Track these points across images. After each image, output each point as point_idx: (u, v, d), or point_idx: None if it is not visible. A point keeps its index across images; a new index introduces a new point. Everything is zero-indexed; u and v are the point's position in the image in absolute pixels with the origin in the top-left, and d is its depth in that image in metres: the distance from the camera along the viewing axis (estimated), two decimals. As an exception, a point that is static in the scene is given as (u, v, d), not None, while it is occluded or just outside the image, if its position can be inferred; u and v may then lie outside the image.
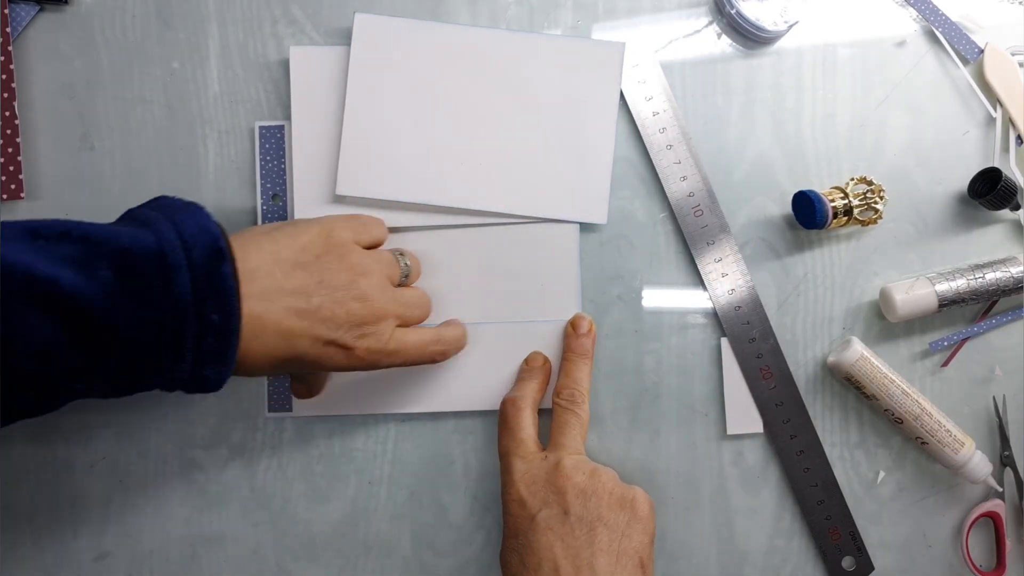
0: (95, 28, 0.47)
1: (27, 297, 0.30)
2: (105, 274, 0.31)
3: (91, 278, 0.31)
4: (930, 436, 0.47)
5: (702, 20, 0.49)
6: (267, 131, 0.47)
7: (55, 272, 0.30)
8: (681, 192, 0.48)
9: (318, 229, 0.39)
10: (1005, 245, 0.50)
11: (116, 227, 0.33)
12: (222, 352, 0.34)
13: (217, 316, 0.33)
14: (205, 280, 0.33)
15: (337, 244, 0.39)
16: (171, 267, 0.32)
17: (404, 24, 0.46)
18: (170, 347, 0.33)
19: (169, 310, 0.32)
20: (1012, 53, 0.49)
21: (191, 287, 0.32)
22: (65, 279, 0.30)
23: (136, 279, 0.32)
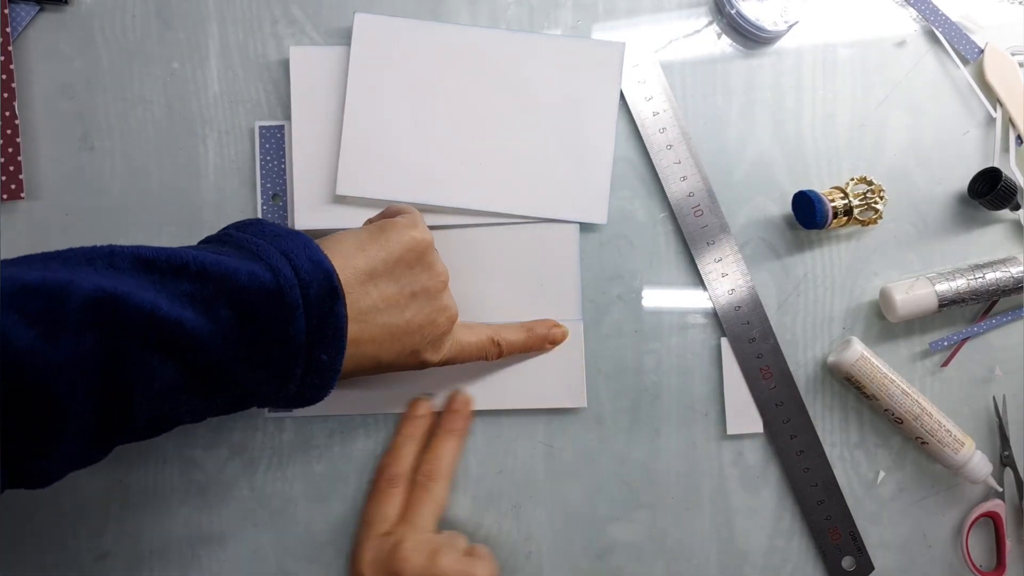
0: (95, 28, 0.47)
1: (150, 339, 0.29)
2: (226, 314, 0.31)
3: (212, 320, 0.30)
4: (930, 436, 0.47)
5: (702, 20, 0.49)
6: (267, 131, 0.47)
7: (177, 313, 0.29)
8: (681, 192, 0.48)
9: (409, 238, 0.38)
10: (1005, 245, 0.50)
11: (230, 260, 0.32)
12: (324, 386, 0.35)
13: (326, 356, 0.34)
14: (319, 322, 0.33)
15: (425, 251, 0.38)
16: (289, 308, 0.32)
17: (404, 24, 0.46)
18: (276, 381, 0.33)
19: (285, 352, 0.32)
20: (1012, 53, 0.49)
21: (306, 329, 0.32)
22: (188, 321, 0.29)
23: (255, 321, 0.31)
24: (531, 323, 0.46)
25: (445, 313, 0.39)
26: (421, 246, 0.38)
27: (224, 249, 0.34)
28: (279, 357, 0.32)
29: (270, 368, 0.32)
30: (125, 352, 0.28)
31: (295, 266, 0.33)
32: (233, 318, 0.31)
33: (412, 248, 0.38)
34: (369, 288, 0.36)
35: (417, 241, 0.38)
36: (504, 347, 0.44)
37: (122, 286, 0.29)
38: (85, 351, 0.27)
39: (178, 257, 0.31)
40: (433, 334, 0.39)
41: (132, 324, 0.28)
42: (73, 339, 0.27)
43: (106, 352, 0.28)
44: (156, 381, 0.29)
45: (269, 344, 0.32)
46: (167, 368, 0.30)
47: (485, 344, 0.43)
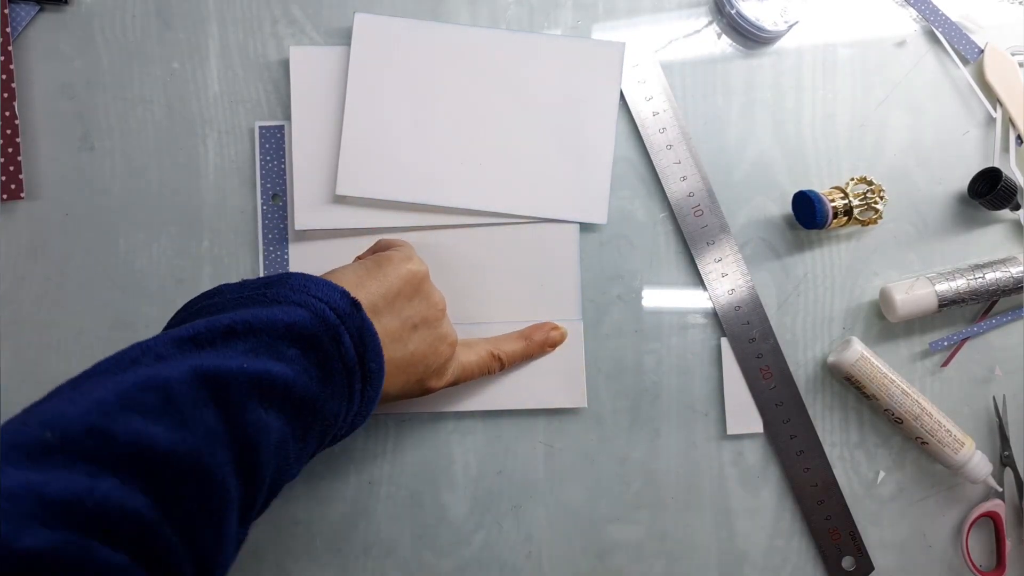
0: (95, 28, 0.47)
1: (253, 396, 0.29)
2: (292, 352, 0.31)
3: (286, 361, 0.31)
4: (930, 436, 0.47)
5: (702, 20, 0.49)
6: (267, 131, 0.47)
7: (262, 365, 0.30)
8: (681, 192, 0.48)
9: (405, 271, 0.38)
10: (1005, 245, 0.50)
11: (262, 310, 0.32)
12: (374, 397, 0.36)
13: (374, 364, 0.34)
14: (359, 334, 0.34)
15: (422, 282, 0.39)
16: (333, 327, 0.33)
17: (404, 24, 0.46)
18: (345, 401, 0.34)
19: (344, 371, 0.33)
20: (1012, 53, 0.49)
21: (352, 343, 0.33)
22: (272, 367, 0.30)
23: (315, 349, 0.32)
24: (529, 330, 0.46)
25: (446, 341, 0.40)
26: (417, 278, 0.39)
27: (253, 307, 0.33)
28: (342, 375, 0.33)
29: (339, 388, 0.33)
30: (241, 415, 0.28)
31: (312, 295, 0.33)
32: (298, 353, 0.31)
33: (409, 281, 0.38)
34: (373, 324, 0.36)
35: (413, 273, 0.38)
36: (505, 360, 0.45)
37: (207, 358, 0.29)
38: (211, 426, 0.28)
39: (218, 324, 0.31)
40: (436, 363, 0.40)
41: (234, 386, 0.28)
42: (198, 419, 0.27)
43: (227, 421, 0.28)
44: (271, 434, 0.30)
45: (332, 365, 0.33)
46: (273, 418, 0.30)
47: (486, 360, 0.44)
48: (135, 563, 0.24)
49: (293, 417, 0.31)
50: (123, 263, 0.47)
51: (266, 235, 0.47)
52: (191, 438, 0.26)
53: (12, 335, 0.46)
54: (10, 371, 0.46)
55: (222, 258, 0.47)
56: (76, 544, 0.22)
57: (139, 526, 0.24)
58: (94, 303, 0.46)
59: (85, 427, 0.25)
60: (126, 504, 0.24)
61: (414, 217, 0.46)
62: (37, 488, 0.23)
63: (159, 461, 0.26)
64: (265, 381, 0.29)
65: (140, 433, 0.25)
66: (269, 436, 0.29)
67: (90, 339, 0.46)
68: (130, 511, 0.24)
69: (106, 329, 0.46)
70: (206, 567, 0.27)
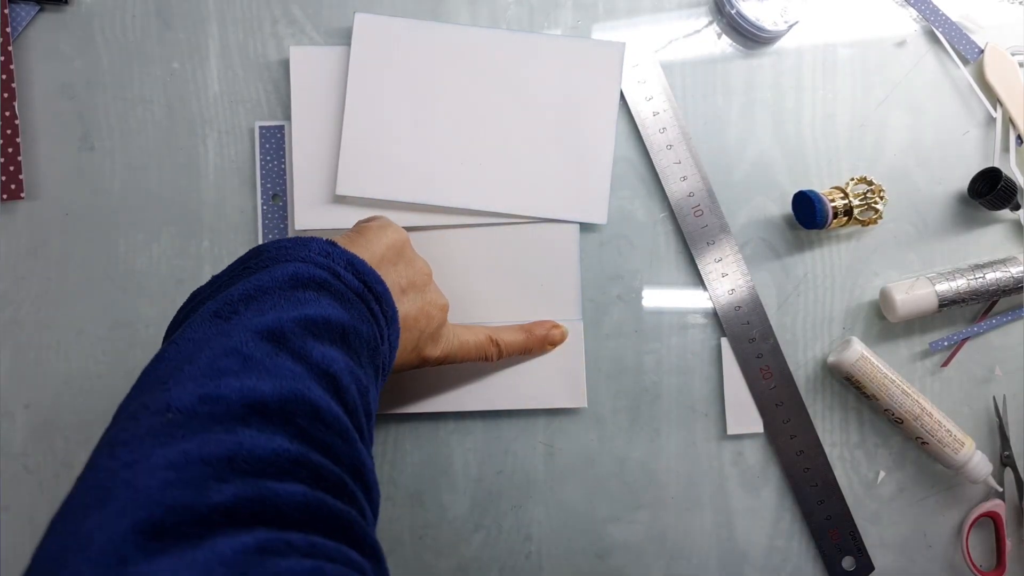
0: (95, 28, 0.47)
1: (306, 337, 0.30)
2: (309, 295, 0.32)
3: (310, 303, 0.31)
4: (930, 436, 0.47)
5: (702, 20, 0.49)
6: (267, 131, 0.47)
7: (298, 310, 0.31)
8: (681, 192, 0.48)
9: (386, 237, 0.38)
10: (1005, 245, 0.50)
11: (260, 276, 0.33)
12: (392, 315, 0.36)
13: (378, 286, 0.35)
14: (348, 264, 0.35)
15: (403, 247, 0.39)
16: (326, 265, 0.34)
17: (404, 24, 0.46)
18: (372, 323, 0.34)
19: (355, 295, 0.34)
20: (1012, 53, 0.49)
21: (348, 272, 0.34)
22: (307, 309, 0.31)
23: (324, 287, 0.33)
24: (530, 324, 0.46)
25: (436, 304, 0.40)
26: (398, 244, 0.39)
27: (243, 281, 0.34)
28: (357, 300, 0.34)
29: (361, 312, 0.34)
30: (308, 353, 0.29)
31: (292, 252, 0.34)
32: (314, 294, 0.32)
33: (391, 246, 0.38)
34: None
35: (394, 240, 0.39)
36: (503, 347, 0.44)
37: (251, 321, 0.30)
38: (292, 368, 0.29)
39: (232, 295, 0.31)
40: (429, 327, 0.39)
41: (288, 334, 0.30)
42: (280, 366, 0.28)
43: (302, 360, 0.29)
44: (339, 362, 0.31)
45: (345, 295, 0.33)
46: (332, 349, 0.31)
47: (484, 343, 0.44)
48: (310, 488, 0.25)
49: (345, 346, 0.32)
50: (123, 263, 0.47)
51: (266, 235, 0.47)
52: (285, 383, 0.28)
53: (12, 335, 0.46)
54: (10, 371, 0.46)
55: (222, 258, 0.47)
56: (253, 487, 0.24)
57: (291, 459, 0.26)
58: (94, 303, 0.46)
59: (196, 397, 0.26)
60: (272, 445, 0.25)
61: (414, 217, 0.46)
62: (193, 453, 0.24)
63: (273, 408, 0.27)
64: (308, 320, 0.30)
65: (243, 388, 0.27)
66: (338, 363, 0.30)
67: (90, 339, 0.46)
68: (280, 449, 0.26)
69: (106, 329, 0.46)
70: (364, 481, 0.29)
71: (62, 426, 0.46)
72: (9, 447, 0.46)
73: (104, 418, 0.48)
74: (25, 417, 0.46)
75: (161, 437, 0.25)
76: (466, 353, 0.43)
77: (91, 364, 0.46)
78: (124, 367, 0.46)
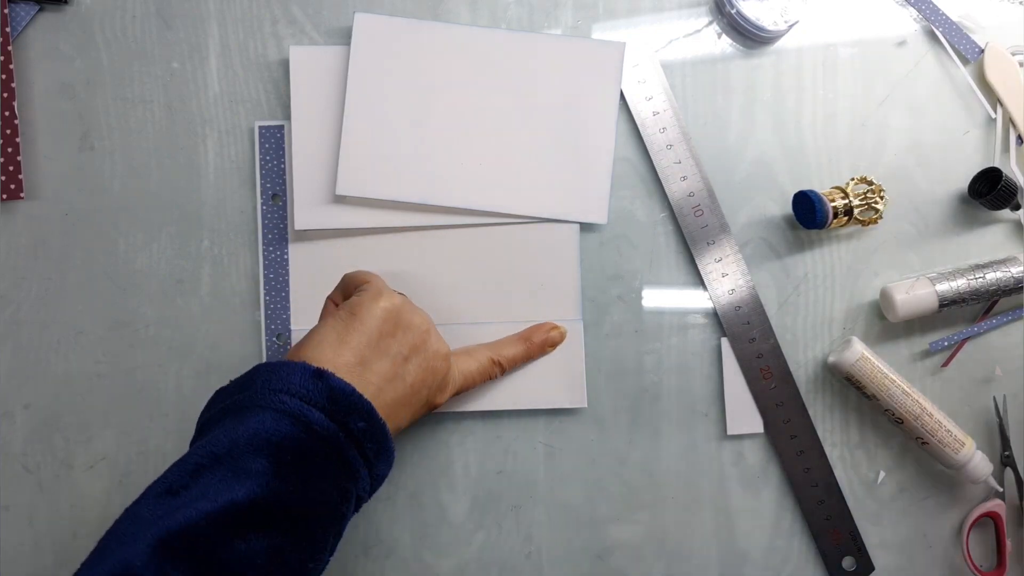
0: (95, 28, 0.47)
1: (223, 536, 0.30)
2: (259, 465, 0.31)
3: (252, 476, 0.31)
4: (930, 436, 0.47)
5: (702, 20, 0.49)
6: (267, 131, 0.47)
7: (223, 497, 0.30)
8: (681, 192, 0.48)
9: (380, 311, 0.38)
10: (1005, 245, 0.50)
11: (227, 430, 0.33)
12: (381, 448, 0.36)
13: (363, 423, 0.34)
14: (330, 403, 0.34)
15: (399, 314, 0.39)
16: (298, 415, 0.33)
17: (404, 24, 0.46)
18: (346, 475, 0.34)
19: (325, 448, 0.33)
20: (1012, 53, 0.49)
21: (327, 416, 0.33)
22: (235, 495, 0.30)
23: (284, 449, 0.32)
24: (528, 331, 0.46)
25: (439, 356, 0.40)
26: (394, 313, 0.39)
27: (221, 424, 0.34)
28: (333, 453, 0.34)
29: (334, 468, 0.34)
30: (213, 559, 0.29)
31: (279, 388, 0.34)
32: (266, 464, 0.32)
33: (387, 319, 0.38)
34: (367, 375, 0.37)
35: (388, 311, 0.38)
36: (506, 364, 0.45)
37: (165, 520, 0.30)
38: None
39: (186, 464, 0.32)
40: (435, 381, 0.40)
41: (200, 539, 0.29)
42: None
43: (202, 572, 0.29)
44: (257, 558, 0.30)
45: (316, 450, 0.33)
46: (255, 541, 0.30)
47: (487, 367, 0.44)
48: None
49: (282, 527, 0.31)
50: (123, 263, 0.47)
51: (266, 235, 0.47)
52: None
53: (12, 335, 0.46)
54: (10, 371, 0.46)
55: (222, 258, 0.47)
56: None
57: None
58: (94, 303, 0.46)
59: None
60: None
61: (414, 217, 0.46)
62: None
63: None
64: (232, 512, 0.30)
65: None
66: (254, 560, 0.30)
67: (90, 339, 0.46)
68: None
69: (106, 329, 0.46)
70: None
71: (62, 426, 0.46)
72: (9, 447, 0.46)
73: (104, 418, 0.48)
74: (25, 417, 0.46)
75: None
76: (472, 382, 0.44)
77: (91, 364, 0.46)
78: (124, 367, 0.46)
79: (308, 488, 0.32)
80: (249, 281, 0.47)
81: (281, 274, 0.46)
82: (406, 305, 0.40)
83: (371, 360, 0.37)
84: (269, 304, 0.46)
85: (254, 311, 0.47)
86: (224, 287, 0.47)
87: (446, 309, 0.47)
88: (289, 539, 0.31)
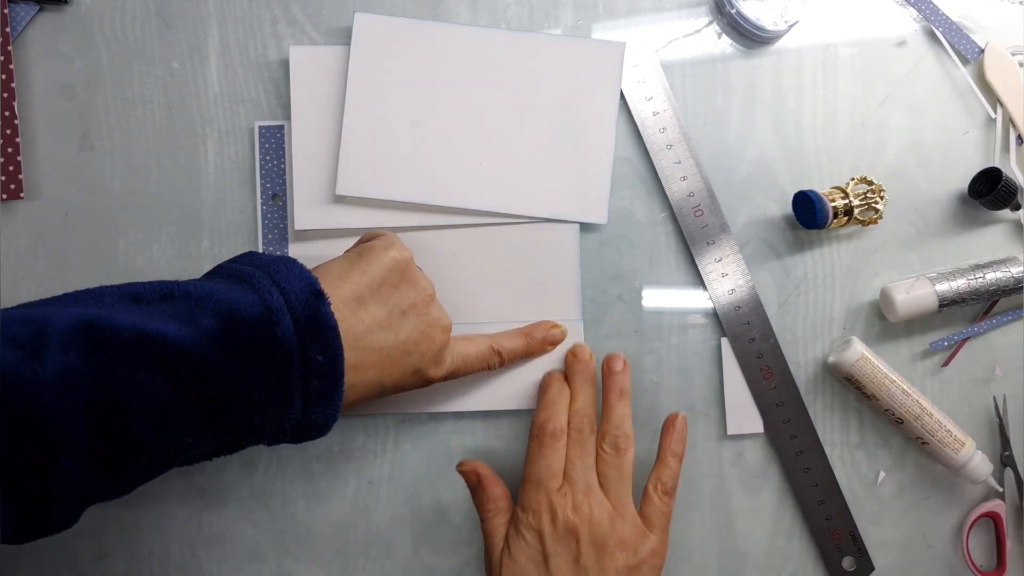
0: (95, 28, 0.47)
1: (138, 355, 0.29)
2: (208, 323, 0.31)
3: (195, 328, 0.31)
4: (930, 436, 0.47)
5: (702, 20, 0.49)
6: (267, 131, 0.47)
7: (160, 326, 0.30)
8: (681, 192, 0.48)
9: (388, 258, 0.38)
10: (1005, 245, 0.50)
11: (215, 283, 0.33)
12: (328, 395, 0.34)
13: (322, 357, 0.33)
14: (307, 322, 0.33)
15: (407, 268, 0.39)
16: (273, 311, 0.32)
17: (404, 23, 0.46)
18: (279, 392, 0.33)
19: (276, 354, 0.32)
20: (1012, 53, 0.49)
21: (295, 329, 0.33)
22: (170, 331, 0.30)
23: (240, 326, 0.31)
24: (529, 327, 0.46)
25: (438, 325, 0.40)
26: (402, 264, 0.39)
27: (213, 279, 0.35)
28: (276, 362, 0.32)
29: (269, 375, 0.32)
30: (112, 368, 0.29)
31: (276, 280, 0.33)
32: (216, 325, 0.31)
33: (393, 268, 0.38)
34: (360, 313, 0.36)
35: (396, 260, 0.38)
36: (505, 355, 0.44)
37: (106, 311, 0.30)
38: (70, 369, 0.28)
39: (163, 286, 0.32)
40: (431, 349, 0.39)
41: (116, 341, 0.29)
42: (58, 358, 0.28)
43: (92, 369, 0.28)
44: (148, 396, 0.29)
45: (261, 349, 0.32)
46: (158, 382, 0.30)
47: (486, 353, 0.44)
48: None
49: (187, 385, 0.30)
50: (123, 263, 0.47)
51: (266, 235, 0.47)
52: (38, 372, 0.27)
53: (12, 335, 0.46)
54: (10, 371, 0.46)
55: (222, 258, 0.47)
56: None
57: None
58: (94, 303, 0.46)
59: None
60: None
61: (414, 217, 0.46)
62: None
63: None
64: (156, 342, 0.29)
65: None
66: (143, 396, 0.29)
67: (90, 339, 0.46)
68: None
69: (106, 329, 0.46)
70: (35, 516, 0.28)
71: (62, 426, 0.46)
72: (9, 447, 0.46)
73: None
74: (25, 417, 0.46)
75: None
76: (469, 367, 0.43)
77: (91, 364, 0.46)
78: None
79: (233, 373, 0.31)
80: (249, 281, 0.47)
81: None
82: (415, 264, 0.40)
83: (368, 301, 0.37)
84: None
85: (254, 311, 0.47)
86: (224, 287, 0.47)
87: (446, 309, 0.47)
88: (185, 405, 0.30)
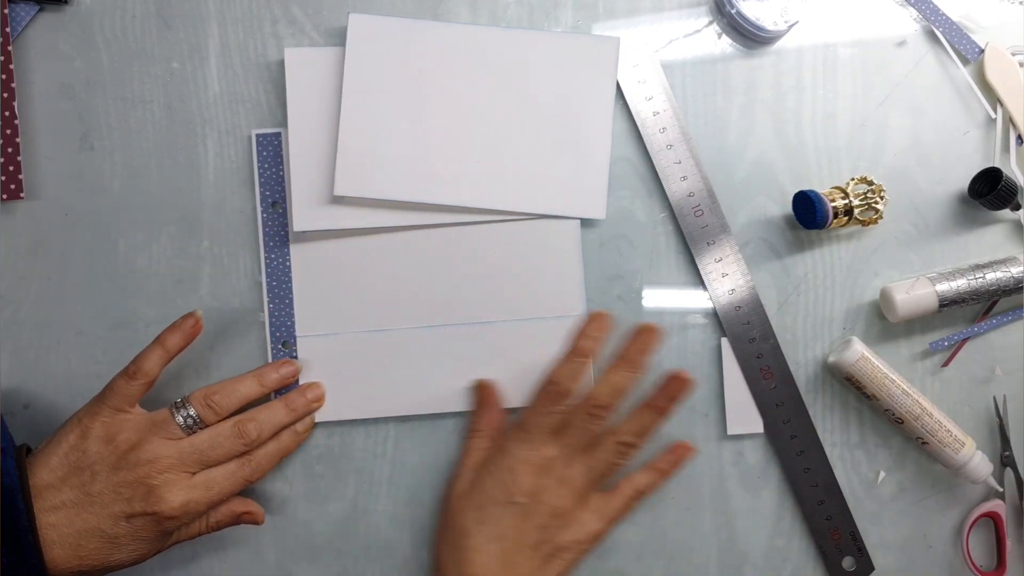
0: (95, 28, 0.47)
1: None
2: None
3: None
4: (930, 436, 0.47)
5: (702, 20, 0.49)
6: (264, 139, 0.47)
7: None
8: (681, 192, 0.48)
9: (73, 432, 0.40)
10: (1005, 245, 0.50)
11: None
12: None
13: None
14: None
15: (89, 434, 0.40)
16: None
17: (398, 23, 0.46)
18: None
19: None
20: (1012, 53, 0.49)
21: None
22: None
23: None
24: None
25: (138, 466, 0.40)
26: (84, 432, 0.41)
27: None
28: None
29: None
30: None
31: None
32: None
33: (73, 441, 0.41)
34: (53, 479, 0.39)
35: (80, 434, 0.40)
36: (253, 428, 0.42)
37: None
38: None
39: None
40: (132, 492, 0.39)
41: None
42: None
43: None
44: None
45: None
46: None
47: (232, 471, 0.42)
48: None
49: None
50: (123, 263, 0.47)
51: (266, 241, 0.47)
52: None
53: (12, 335, 0.46)
54: (10, 371, 0.46)
55: (222, 258, 0.47)
56: None
57: None
58: (94, 303, 0.46)
59: None
60: None
61: (412, 216, 0.46)
62: None
63: None
64: None
65: None
66: None
67: (90, 339, 0.46)
68: None
69: (106, 329, 0.46)
70: None
71: (62, 426, 0.46)
72: (9, 447, 0.46)
73: (104, 418, 0.47)
74: (25, 417, 0.46)
75: None
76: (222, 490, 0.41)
77: (91, 364, 0.46)
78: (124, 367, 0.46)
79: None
80: (249, 281, 0.47)
81: (284, 281, 0.46)
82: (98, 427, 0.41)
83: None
84: (273, 312, 0.46)
85: (254, 311, 0.47)
86: (224, 287, 0.47)
87: (447, 308, 0.47)
88: None
